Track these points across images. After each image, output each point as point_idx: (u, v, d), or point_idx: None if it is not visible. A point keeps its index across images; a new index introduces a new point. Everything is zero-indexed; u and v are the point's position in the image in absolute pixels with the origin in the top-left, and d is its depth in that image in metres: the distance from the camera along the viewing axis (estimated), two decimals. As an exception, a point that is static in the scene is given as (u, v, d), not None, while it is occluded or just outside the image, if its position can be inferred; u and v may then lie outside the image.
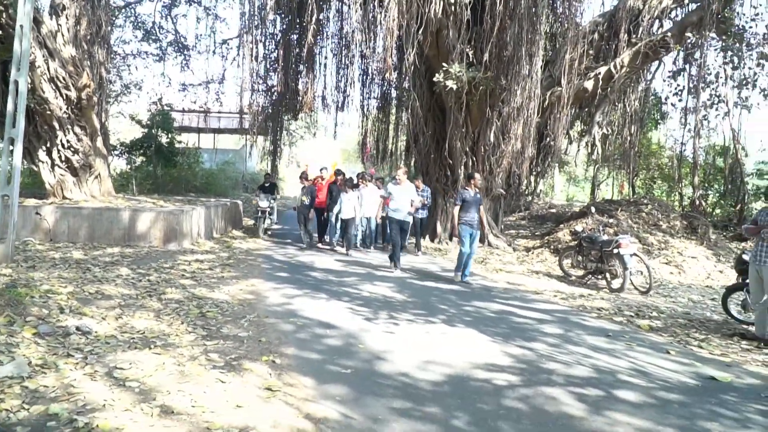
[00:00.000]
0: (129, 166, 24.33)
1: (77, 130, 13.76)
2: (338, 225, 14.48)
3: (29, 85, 10.37)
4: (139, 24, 24.57)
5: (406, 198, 11.62)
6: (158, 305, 7.04)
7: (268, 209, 16.06)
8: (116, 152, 23.69)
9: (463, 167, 15.57)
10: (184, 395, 4.21)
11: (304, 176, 14.80)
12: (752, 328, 7.29)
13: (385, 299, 8.43)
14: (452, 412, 4.23)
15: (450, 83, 13.64)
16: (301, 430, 3.81)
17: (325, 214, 14.62)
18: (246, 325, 6.47)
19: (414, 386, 4.75)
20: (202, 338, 5.78)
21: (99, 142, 14.89)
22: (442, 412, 4.23)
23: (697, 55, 16.62)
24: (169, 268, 9.61)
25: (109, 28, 18.76)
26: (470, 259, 10.32)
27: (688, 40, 15.88)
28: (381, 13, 13.75)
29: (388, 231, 13.13)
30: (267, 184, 16.89)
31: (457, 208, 10.37)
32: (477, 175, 10.87)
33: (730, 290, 8.23)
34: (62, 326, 5.65)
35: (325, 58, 21.80)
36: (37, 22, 11.93)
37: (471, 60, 14.38)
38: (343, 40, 20.42)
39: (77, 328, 5.60)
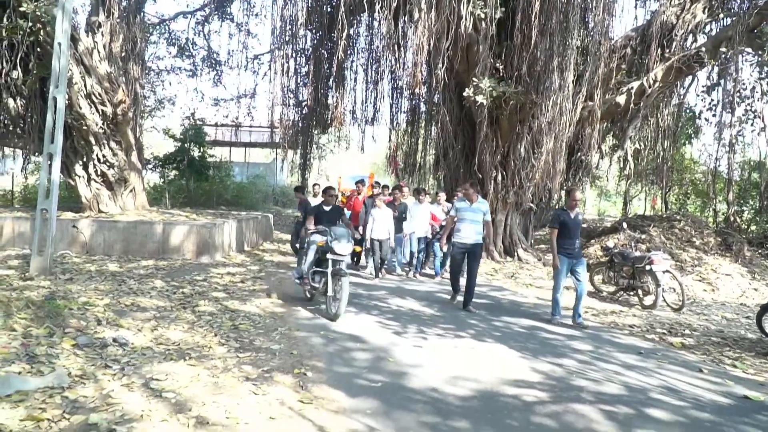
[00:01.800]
0: (162, 180, 24.78)
1: (113, 144, 14.10)
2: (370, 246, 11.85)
3: (66, 102, 10.68)
4: (173, 40, 25.06)
5: (476, 218, 9.01)
6: (192, 317, 7.18)
7: (345, 257, 8.25)
8: (150, 166, 24.16)
9: (493, 181, 15.55)
10: (219, 406, 4.31)
11: (300, 190, 13.43)
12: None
13: (413, 313, 8.46)
14: (481, 427, 4.25)
15: (480, 98, 13.67)
16: (332, 442, 3.87)
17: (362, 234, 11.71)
18: (277, 338, 6.57)
19: (443, 401, 4.78)
20: (234, 350, 5.89)
21: (134, 157, 15.23)
22: (471, 427, 4.25)
23: (732, 69, 16.39)
24: (202, 281, 9.78)
25: (144, 45, 19.23)
26: (580, 301, 8.34)
27: (723, 55, 15.69)
28: (411, 28, 13.88)
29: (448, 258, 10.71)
30: (327, 207, 9.46)
31: (554, 234, 8.45)
32: (578, 194, 8.83)
33: (765, 308, 8.07)
34: (100, 338, 5.81)
35: (355, 72, 21.99)
36: (74, 39, 12.29)
37: (501, 74, 14.41)
38: (373, 54, 20.63)
39: (114, 340, 5.75)
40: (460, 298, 9.16)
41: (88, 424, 3.82)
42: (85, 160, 13.92)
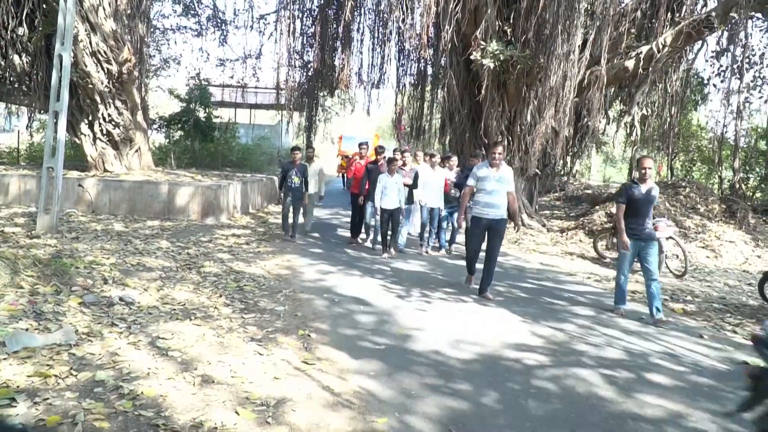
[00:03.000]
0: (167, 140, 24.70)
1: (118, 104, 14.06)
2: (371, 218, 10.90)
3: (72, 59, 10.61)
4: (179, -2, 24.77)
5: (501, 188, 7.61)
6: (197, 278, 7.24)
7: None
8: (155, 126, 24.08)
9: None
10: (224, 366, 4.37)
11: (296, 150, 11.26)
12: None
13: (417, 277, 8.51)
14: (483, 390, 4.31)
15: (487, 61, 13.50)
16: (335, 402, 3.94)
17: (363, 203, 10.90)
18: (282, 299, 6.63)
19: (445, 363, 4.84)
20: (239, 311, 5.95)
21: (139, 116, 15.19)
22: (472, 390, 4.31)
23: (742, 35, 16.13)
24: (207, 242, 9.84)
25: (149, 3, 18.98)
26: (657, 289, 6.88)
27: (733, 20, 15.41)
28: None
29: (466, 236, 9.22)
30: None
31: (620, 211, 7.12)
32: (648, 162, 7.05)
33: (768, 275, 8.13)
34: (106, 296, 5.88)
35: (362, 34, 21.71)
36: (79, -5, 12.16)
37: (509, 38, 14.21)
38: (380, 16, 20.33)
39: (121, 299, 5.82)
40: (475, 285, 7.87)
41: (94, 381, 3.88)
42: (90, 119, 13.90)
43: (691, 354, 5.53)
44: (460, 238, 10.93)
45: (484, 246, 7.84)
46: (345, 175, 14.16)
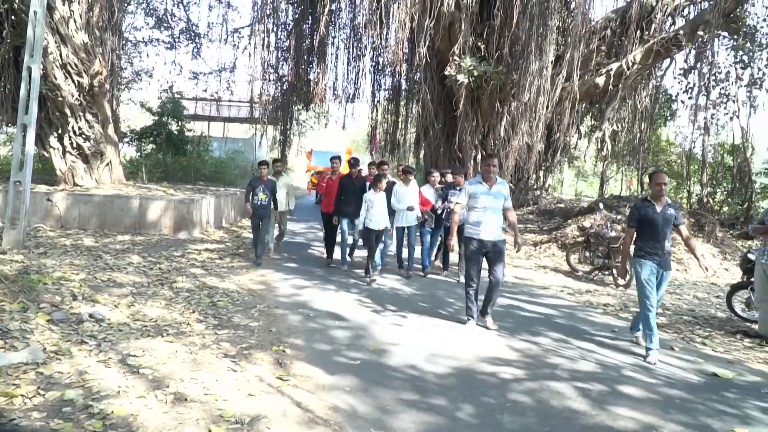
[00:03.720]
0: (139, 154, 24.45)
1: (89, 117, 13.88)
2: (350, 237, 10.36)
3: (41, 72, 10.47)
4: (151, 11, 24.56)
5: (495, 206, 6.75)
6: (170, 294, 7.14)
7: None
8: (126, 139, 23.81)
9: (472, 161, 15.59)
10: (197, 383, 4.31)
11: (263, 165, 10.29)
12: (755, 326, 7.33)
13: (393, 292, 8.50)
14: (458, 405, 4.31)
15: (461, 77, 13.63)
16: (310, 419, 3.90)
17: (336, 221, 10.06)
18: (256, 315, 6.57)
19: (421, 378, 4.83)
20: (213, 327, 5.88)
21: (110, 130, 15.00)
22: (448, 404, 4.30)
23: (708, 53, 16.54)
24: (179, 257, 9.72)
25: (121, 15, 18.83)
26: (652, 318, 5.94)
27: (700, 39, 15.81)
28: (394, 4, 13.77)
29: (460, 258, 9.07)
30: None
31: (628, 236, 6.42)
32: (663, 176, 6.28)
33: (735, 288, 8.26)
34: (75, 313, 5.76)
35: (337, 48, 21.82)
36: (49, 7, 12.01)
37: (483, 54, 14.37)
38: (355, 31, 20.45)
39: (90, 315, 5.71)
40: (470, 320, 6.74)
41: (63, 400, 3.79)
42: (60, 131, 13.69)
43: (663, 366, 5.59)
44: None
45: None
46: (317, 192, 13.69)
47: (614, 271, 10.58)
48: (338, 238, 10.41)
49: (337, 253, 10.55)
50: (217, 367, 4.71)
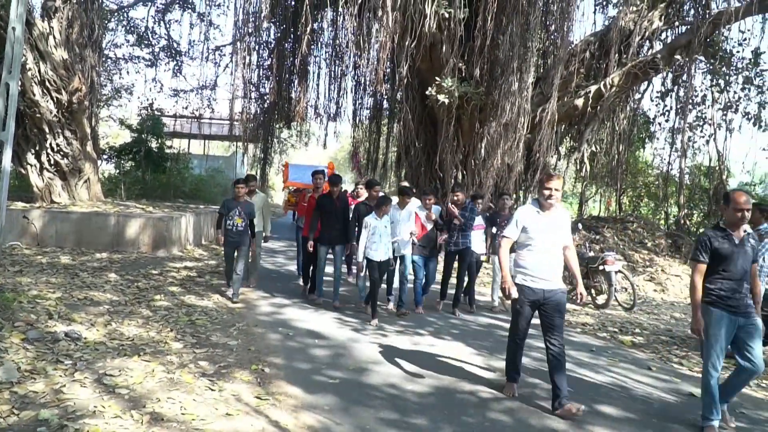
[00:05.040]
0: (118, 171, 24.24)
1: (67, 133, 13.74)
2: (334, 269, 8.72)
3: (19, 88, 10.35)
4: (132, 28, 24.52)
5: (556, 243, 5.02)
6: (147, 312, 7.06)
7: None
8: (105, 156, 23.60)
9: (453, 180, 15.67)
10: (174, 403, 4.26)
11: (240, 183, 8.90)
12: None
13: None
14: (438, 424, 4.30)
15: (442, 97, 13.75)
16: (289, 439, 3.87)
17: (313, 248, 8.67)
18: (235, 333, 6.52)
19: (401, 397, 4.82)
20: (191, 346, 5.82)
21: (89, 146, 14.86)
22: (428, 424, 4.30)
23: (685, 77, 16.88)
24: (157, 275, 9.62)
25: (101, 32, 18.75)
26: (734, 390, 5.04)
27: (677, 62, 16.14)
28: (375, 25, 13.88)
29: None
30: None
31: (696, 272, 4.68)
32: (745, 199, 4.52)
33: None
34: (51, 332, 5.67)
35: (319, 67, 21.89)
36: (28, 24, 11.91)
37: (463, 75, 14.52)
38: (337, 50, 20.55)
39: (66, 335, 5.62)
40: (515, 397, 5.09)
41: (38, 420, 3.73)
42: (37, 148, 13.53)
43: (641, 386, 5.63)
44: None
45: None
46: (295, 212, 11.44)
47: (592, 291, 10.66)
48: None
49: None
50: (194, 386, 4.66)
